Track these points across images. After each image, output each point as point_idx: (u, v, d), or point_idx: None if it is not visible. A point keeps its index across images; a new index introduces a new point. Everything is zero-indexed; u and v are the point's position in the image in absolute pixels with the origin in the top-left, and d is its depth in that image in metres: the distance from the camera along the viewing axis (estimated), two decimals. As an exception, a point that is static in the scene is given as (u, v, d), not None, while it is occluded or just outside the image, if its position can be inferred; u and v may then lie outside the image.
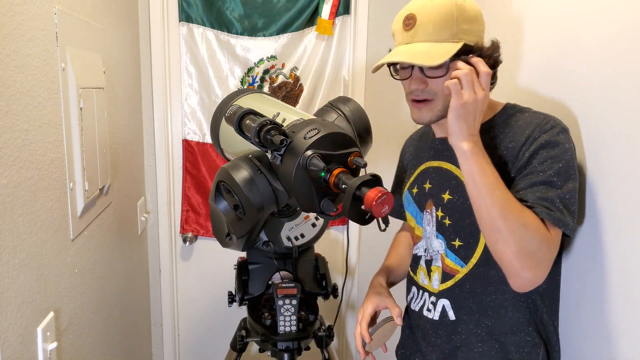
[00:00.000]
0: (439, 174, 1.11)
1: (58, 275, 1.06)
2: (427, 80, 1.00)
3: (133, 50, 1.79)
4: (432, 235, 1.11)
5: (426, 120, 1.04)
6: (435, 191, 1.10)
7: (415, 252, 1.18)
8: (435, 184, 1.11)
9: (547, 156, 0.94)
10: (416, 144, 1.27)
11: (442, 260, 1.09)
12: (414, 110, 1.05)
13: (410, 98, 1.04)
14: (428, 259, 1.13)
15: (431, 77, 0.99)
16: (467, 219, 1.02)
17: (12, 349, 0.85)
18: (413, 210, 1.18)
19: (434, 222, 1.10)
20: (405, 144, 1.34)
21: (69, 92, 1.10)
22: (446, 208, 1.07)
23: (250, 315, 1.37)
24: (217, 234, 1.22)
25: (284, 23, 1.93)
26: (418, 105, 1.04)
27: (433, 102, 1.01)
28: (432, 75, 0.99)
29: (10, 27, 0.85)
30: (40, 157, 0.97)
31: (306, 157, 0.91)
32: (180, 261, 2.11)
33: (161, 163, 1.98)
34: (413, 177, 1.19)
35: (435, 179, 1.11)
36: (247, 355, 2.09)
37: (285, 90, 1.98)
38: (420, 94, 1.01)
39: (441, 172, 1.10)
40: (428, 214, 1.12)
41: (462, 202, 1.04)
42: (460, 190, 1.04)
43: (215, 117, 1.19)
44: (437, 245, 1.10)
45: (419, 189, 1.15)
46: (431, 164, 1.14)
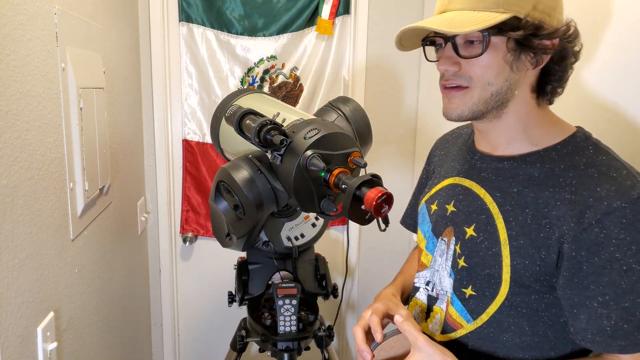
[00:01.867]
0: (467, 198, 0.88)
1: (58, 275, 1.06)
2: (461, 62, 0.79)
3: (133, 50, 1.79)
4: (444, 271, 0.90)
5: (455, 114, 0.81)
6: (459, 219, 0.87)
7: (414, 282, 0.98)
8: (460, 209, 0.88)
9: (631, 241, 0.70)
10: (448, 147, 1.02)
11: (447, 307, 0.88)
12: (444, 100, 0.83)
13: (441, 84, 0.83)
14: (433, 295, 0.93)
15: (465, 56, 0.77)
16: (488, 268, 0.81)
17: (12, 349, 0.85)
18: (426, 231, 0.96)
19: (450, 257, 0.88)
20: (435, 144, 1.10)
21: (69, 92, 1.10)
22: (466, 246, 0.85)
23: (250, 315, 1.37)
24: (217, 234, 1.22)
25: (284, 23, 1.93)
26: (448, 92, 0.82)
27: (467, 90, 0.79)
28: (466, 55, 0.77)
29: (10, 27, 0.85)
30: (40, 157, 0.97)
31: (306, 157, 0.91)
32: (180, 261, 2.11)
33: (161, 163, 1.98)
34: (435, 190, 0.97)
35: (463, 203, 0.88)
36: (247, 355, 2.09)
37: (285, 90, 1.98)
38: (452, 77, 0.80)
39: (471, 197, 0.87)
40: (444, 243, 0.90)
41: (487, 246, 0.81)
42: (489, 231, 0.82)
43: (215, 117, 1.19)
44: (447, 286, 0.89)
45: (439, 207, 0.93)
46: (461, 181, 0.91)
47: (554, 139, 0.82)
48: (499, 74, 0.77)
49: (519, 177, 0.82)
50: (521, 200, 0.80)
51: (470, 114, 0.80)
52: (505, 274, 0.79)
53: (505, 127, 0.83)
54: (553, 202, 0.76)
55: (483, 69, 0.77)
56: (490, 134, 0.86)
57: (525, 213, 0.78)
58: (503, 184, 0.83)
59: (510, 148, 0.85)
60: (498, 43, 0.76)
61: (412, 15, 1.98)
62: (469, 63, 0.77)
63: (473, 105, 0.79)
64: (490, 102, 0.79)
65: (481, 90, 0.78)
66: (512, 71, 0.77)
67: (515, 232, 0.79)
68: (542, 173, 0.79)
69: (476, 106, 0.79)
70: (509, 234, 0.79)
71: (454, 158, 0.97)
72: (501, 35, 0.75)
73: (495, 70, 0.77)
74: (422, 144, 2.06)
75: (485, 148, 0.89)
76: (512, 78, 0.78)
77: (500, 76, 0.77)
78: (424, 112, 2.04)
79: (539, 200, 0.78)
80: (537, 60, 0.77)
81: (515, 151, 0.84)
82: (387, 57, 2.01)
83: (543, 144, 0.82)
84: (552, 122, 0.84)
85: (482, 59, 0.76)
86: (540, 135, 0.83)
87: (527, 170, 0.81)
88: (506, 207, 0.81)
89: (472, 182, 0.88)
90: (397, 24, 1.98)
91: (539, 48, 0.76)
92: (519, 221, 0.79)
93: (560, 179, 0.77)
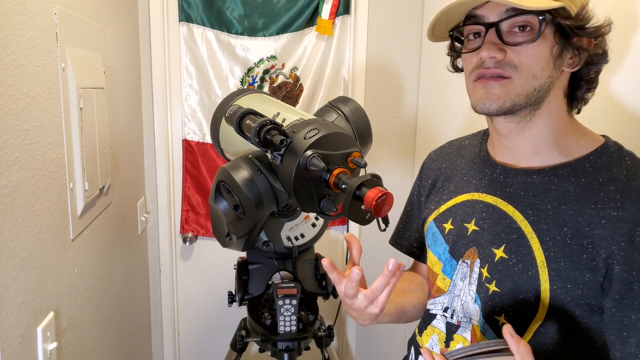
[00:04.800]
0: (493, 216, 0.80)
1: (58, 275, 1.06)
2: (506, 49, 0.71)
3: (133, 50, 1.79)
4: (468, 296, 0.81)
5: (496, 105, 0.73)
6: (485, 239, 0.80)
7: (429, 309, 0.89)
8: (485, 228, 0.80)
9: None
10: (452, 160, 0.94)
11: (474, 336, 0.80)
12: (479, 90, 0.74)
13: (476, 74, 0.74)
14: (453, 323, 0.84)
15: (512, 43, 0.70)
16: (522, 294, 0.74)
17: (12, 349, 0.85)
18: (441, 253, 0.87)
19: (475, 281, 0.80)
20: (430, 157, 1.01)
21: (69, 92, 1.10)
22: (495, 269, 0.77)
23: (250, 315, 1.37)
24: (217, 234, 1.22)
25: (284, 23, 1.93)
26: (487, 82, 0.73)
27: (509, 80, 0.72)
28: (514, 42, 0.70)
29: (10, 27, 0.85)
30: (40, 157, 0.97)
31: (306, 157, 0.92)
32: (180, 261, 2.11)
33: (161, 163, 1.98)
34: (446, 207, 0.88)
35: (488, 221, 0.80)
36: (247, 355, 2.09)
37: (285, 90, 1.98)
38: (493, 65, 0.72)
39: (497, 215, 0.79)
40: (466, 266, 0.82)
41: (521, 269, 0.74)
42: (523, 252, 0.75)
43: (215, 117, 1.19)
44: (473, 312, 0.80)
45: (455, 227, 0.85)
46: (482, 197, 0.82)
47: (585, 149, 0.76)
48: (545, 67, 0.71)
49: (552, 192, 0.75)
50: (558, 218, 0.73)
51: (511, 106, 0.73)
52: (543, 299, 0.73)
53: (534, 132, 0.77)
54: (597, 220, 0.70)
55: (531, 58, 0.70)
56: (515, 140, 0.79)
57: (564, 232, 0.72)
58: (534, 201, 0.76)
59: (537, 159, 0.78)
60: (547, 32, 0.70)
61: (412, 15, 1.98)
62: (517, 51, 0.71)
63: (516, 97, 0.72)
64: (531, 98, 0.73)
65: (525, 83, 0.71)
66: (554, 67, 0.72)
67: (553, 254, 0.72)
68: (578, 187, 0.73)
69: (518, 99, 0.72)
70: (546, 255, 0.73)
71: (466, 172, 0.89)
72: (551, 24, 0.70)
73: (542, 62, 0.71)
74: (422, 144, 2.06)
75: (507, 159, 0.82)
76: (554, 75, 0.73)
77: (546, 70, 0.72)
78: (424, 112, 2.04)
79: (579, 218, 0.71)
80: (576, 61, 0.74)
81: (544, 162, 0.78)
82: (387, 57, 2.01)
83: (573, 154, 0.76)
84: (580, 131, 0.79)
85: (532, 48, 0.70)
86: (571, 145, 0.77)
87: (561, 185, 0.75)
88: (540, 226, 0.74)
89: (496, 199, 0.80)
90: (397, 24, 1.98)
91: (579, 46, 0.72)
92: (557, 241, 0.72)
93: (601, 194, 0.71)
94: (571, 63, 0.74)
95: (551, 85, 0.74)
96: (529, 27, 0.70)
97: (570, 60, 0.74)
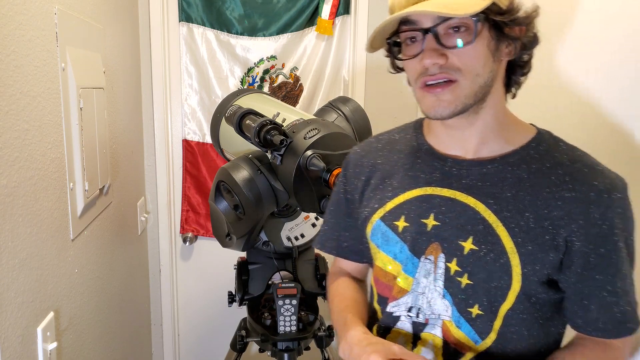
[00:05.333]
0: (453, 209, 0.79)
1: (58, 275, 1.06)
2: (446, 53, 0.72)
3: (133, 50, 1.79)
4: (434, 292, 0.80)
5: (448, 111, 0.74)
6: (448, 233, 0.79)
7: (392, 311, 0.85)
8: (447, 222, 0.79)
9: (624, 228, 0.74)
10: (389, 156, 0.90)
11: (447, 331, 0.80)
12: (428, 98, 0.75)
13: (422, 81, 0.75)
14: (420, 321, 0.82)
15: (451, 46, 0.71)
16: (495, 281, 0.76)
17: (12, 349, 0.85)
18: (397, 252, 0.84)
19: (441, 276, 0.80)
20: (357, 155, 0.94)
21: (69, 92, 1.10)
22: (467, 262, 0.77)
23: (250, 315, 1.37)
24: (217, 234, 1.22)
25: (284, 23, 1.93)
26: (434, 90, 0.74)
27: (456, 84, 0.73)
28: (453, 44, 0.71)
29: (10, 27, 0.85)
30: (40, 157, 0.97)
31: (306, 157, 0.92)
32: (180, 261, 2.11)
33: (161, 163, 1.98)
34: (393, 204, 0.85)
35: (448, 215, 0.80)
36: (247, 355, 2.09)
37: (285, 90, 1.98)
38: (438, 71, 0.72)
39: (459, 208, 0.79)
40: (429, 262, 0.80)
41: (493, 258, 0.75)
42: (492, 241, 0.76)
43: (215, 117, 1.19)
44: (442, 308, 0.80)
45: (411, 224, 0.82)
46: (437, 191, 0.81)
47: (525, 137, 0.80)
48: (485, 63, 0.73)
49: (509, 180, 0.78)
50: (518, 205, 0.76)
51: (462, 108, 0.74)
52: (515, 283, 0.75)
53: (482, 124, 0.79)
54: (553, 202, 0.75)
55: (473, 58, 0.72)
56: (464, 132, 0.80)
57: (526, 217, 0.75)
58: (493, 190, 0.78)
59: (485, 149, 0.80)
60: (483, 30, 0.72)
61: (412, 15, 1.98)
62: (456, 53, 0.72)
63: (465, 99, 0.73)
64: (478, 95, 0.74)
65: (471, 83, 0.73)
66: (494, 61, 0.74)
67: (521, 239, 0.75)
68: (531, 174, 0.77)
69: (467, 99, 0.74)
70: (515, 241, 0.75)
71: (409, 167, 0.86)
72: (486, 21, 0.72)
73: (482, 59, 0.73)
74: (422, 144, 2.05)
75: (454, 151, 0.82)
76: (495, 68, 0.75)
77: (487, 66, 0.74)
78: (424, 112, 2.03)
79: (538, 202, 0.75)
80: (512, 50, 0.76)
81: (492, 152, 0.80)
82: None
83: (517, 142, 0.80)
84: (516, 120, 0.83)
85: (471, 48, 0.71)
86: (513, 134, 0.80)
87: (515, 173, 0.78)
88: (504, 214, 0.76)
89: (454, 192, 0.80)
90: (397, 24, 1.98)
91: (512, 36, 0.74)
92: (522, 226, 0.75)
93: (552, 178, 0.76)
94: (508, 52, 0.76)
95: (494, 77, 0.76)
96: (464, 27, 0.71)
97: (507, 49, 0.76)
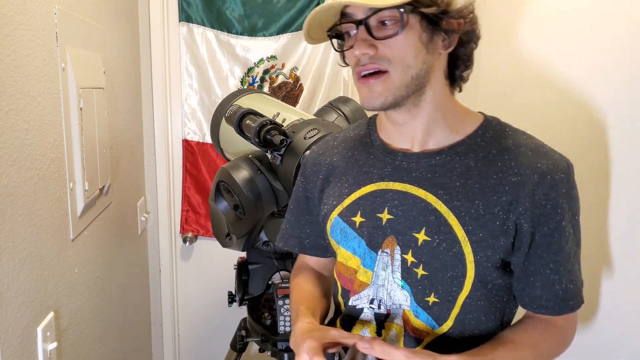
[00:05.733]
0: (406, 202, 0.81)
1: (58, 275, 1.06)
2: (377, 44, 0.74)
3: (133, 50, 1.79)
4: (393, 284, 0.82)
5: (379, 102, 0.76)
6: (402, 226, 0.81)
7: (354, 304, 0.87)
8: (400, 215, 0.81)
9: (569, 208, 0.78)
10: (344, 154, 0.92)
11: (407, 319, 0.82)
12: (363, 89, 0.78)
13: (357, 72, 0.78)
14: (382, 312, 0.84)
15: (381, 37, 0.73)
16: (450, 270, 0.78)
17: (12, 349, 0.85)
18: (356, 247, 0.86)
19: (397, 268, 0.82)
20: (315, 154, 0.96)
21: (69, 92, 1.10)
22: (421, 253, 0.79)
23: (250, 315, 1.37)
24: (217, 234, 1.22)
25: (284, 23, 1.93)
26: (368, 81, 0.76)
27: (387, 75, 0.75)
28: (382, 35, 0.73)
29: (10, 27, 0.85)
30: (40, 157, 0.97)
31: (306, 157, 0.92)
32: (180, 261, 2.11)
33: (161, 163, 1.98)
34: (349, 201, 0.86)
35: (401, 208, 0.81)
36: (247, 355, 2.09)
37: (285, 90, 1.98)
38: (368, 61, 0.75)
39: (411, 200, 0.81)
40: (386, 255, 0.82)
41: (446, 248, 0.78)
42: (444, 231, 0.78)
43: (215, 117, 1.19)
44: (402, 298, 0.82)
45: (367, 218, 0.84)
46: (389, 185, 0.83)
47: (471, 126, 0.82)
48: (417, 55, 0.74)
49: (457, 169, 0.79)
50: (468, 193, 0.78)
51: (393, 100, 0.76)
52: (469, 270, 0.78)
53: (425, 116, 0.80)
54: (501, 188, 0.77)
55: (401, 49, 0.73)
56: (409, 125, 0.82)
57: (476, 205, 0.77)
58: (442, 180, 0.80)
59: (432, 141, 0.82)
60: (413, 22, 0.73)
61: (412, 15, 1.98)
62: (386, 44, 0.74)
63: (396, 90, 0.75)
64: (411, 87, 0.76)
65: (401, 74, 0.74)
66: (427, 53, 0.75)
67: (472, 227, 0.77)
68: (478, 162, 0.79)
69: (398, 91, 0.75)
70: (465, 229, 0.77)
71: (363, 163, 0.87)
72: (415, 14, 0.73)
73: (413, 51, 0.74)
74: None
75: (403, 144, 0.84)
76: (429, 60, 0.76)
77: (419, 58, 0.75)
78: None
79: (486, 190, 0.77)
80: (449, 43, 0.77)
81: (440, 143, 0.82)
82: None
83: (464, 132, 0.82)
84: (463, 109, 0.85)
85: (400, 39, 0.73)
86: (459, 123, 0.82)
87: (463, 162, 0.80)
88: (454, 203, 0.78)
89: (405, 185, 0.81)
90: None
91: (448, 29, 0.75)
92: (472, 214, 0.77)
93: (499, 164, 0.78)
94: (444, 45, 0.77)
95: (429, 69, 0.77)
96: (394, 20, 0.73)
97: (443, 42, 0.77)
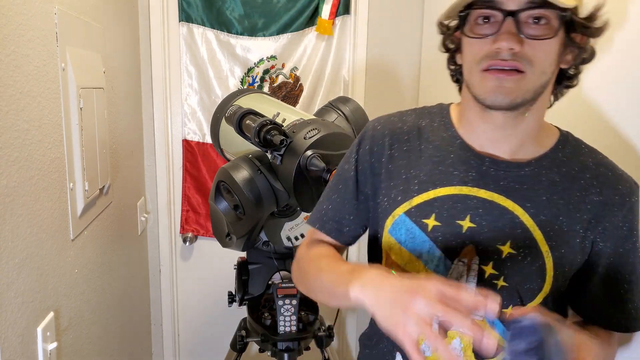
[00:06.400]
0: (492, 212, 0.76)
1: (58, 275, 1.06)
2: (524, 41, 0.68)
3: (133, 50, 1.79)
4: None
5: (508, 99, 0.69)
6: (485, 237, 0.76)
7: None
8: (485, 225, 0.76)
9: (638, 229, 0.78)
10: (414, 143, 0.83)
11: None
12: (490, 81, 0.69)
13: (487, 64, 0.69)
14: None
15: (533, 36, 0.67)
16: (529, 283, 0.76)
17: (12, 349, 0.85)
18: (424, 251, 0.79)
19: (474, 279, 0.77)
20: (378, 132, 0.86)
21: (69, 92, 1.10)
22: (504, 265, 0.76)
23: (250, 315, 1.37)
24: (217, 234, 1.22)
25: (284, 23, 1.93)
26: (499, 74, 0.69)
27: (523, 75, 0.69)
28: (536, 34, 0.67)
29: (10, 27, 0.85)
30: (40, 157, 0.97)
31: (306, 157, 0.92)
32: (180, 261, 2.11)
33: (161, 163, 1.98)
34: (421, 200, 0.80)
35: (486, 217, 0.77)
36: (247, 355, 2.09)
37: (285, 90, 1.98)
38: (510, 57, 0.68)
39: (497, 211, 0.76)
40: (462, 265, 0.78)
41: (529, 262, 0.75)
42: (529, 245, 0.75)
43: (215, 117, 1.19)
44: None
45: (443, 223, 0.78)
46: (474, 191, 0.77)
47: (551, 139, 0.80)
48: (552, 63, 0.70)
49: (543, 183, 0.77)
50: (553, 209, 0.76)
51: (521, 101, 0.70)
52: (547, 285, 0.76)
53: (525, 126, 0.76)
54: (583, 206, 0.76)
55: (545, 53, 0.68)
56: (508, 130, 0.76)
57: (560, 221, 0.76)
58: (530, 193, 0.76)
59: (522, 151, 0.78)
60: (560, 29, 0.69)
61: (412, 15, 1.98)
62: (532, 45, 0.68)
63: (526, 93, 0.70)
64: (537, 93, 0.71)
65: (536, 78, 0.69)
66: (557, 64, 0.72)
67: (555, 243, 0.75)
68: (562, 177, 0.77)
69: (528, 94, 0.70)
70: (549, 244, 0.75)
71: (439, 161, 0.80)
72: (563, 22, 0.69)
73: (552, 57, 0.70)
74: (422, 144, 2.05)
75: (490, 150, 0.78)
76: (555, 72, 0.73)
77: (552, 66, 0.71)
78: (424, 112, 2.03)
79: (570, 207, 0.76)
80: (572, 57, 0.73)
81: (528, 154, 0.78)
82: (387, 57, 2.01)
83: (545, 145, 0.79)
84: (545, 122, 0.82)
85: (549, 43, 0.68)
86: (543, 136, 0.80)
87: (548, 176, 0.77)
88: (540, 218, 0.76)
89: (491, 193, 0.77)
90: (397, 23, 1.98)
91: (580, 44, 0.72)
92: (556, 230, 0.76)
93: (581, 182, 0.77)
94: (568, 60, 0.74)
95: (550, 81, 0.74)
96: (545, 20, 0.68)
97: (568, 57, 0.74)
